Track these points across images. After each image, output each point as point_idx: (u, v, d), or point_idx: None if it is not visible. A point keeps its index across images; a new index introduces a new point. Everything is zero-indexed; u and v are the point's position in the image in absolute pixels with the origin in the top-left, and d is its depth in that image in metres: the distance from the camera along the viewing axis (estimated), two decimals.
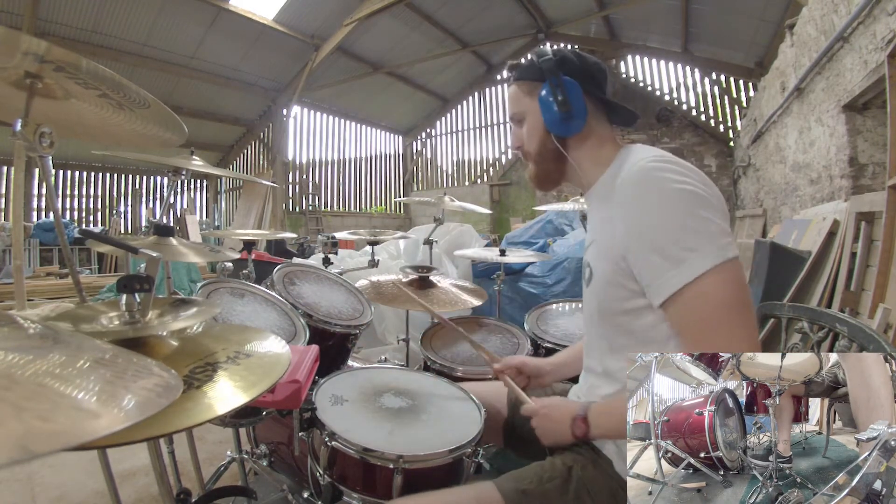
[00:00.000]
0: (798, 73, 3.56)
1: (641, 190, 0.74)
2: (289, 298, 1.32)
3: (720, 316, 0.69)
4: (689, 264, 0.69)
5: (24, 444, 0.27)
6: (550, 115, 0.88)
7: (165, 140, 1.18)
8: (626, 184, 0.77)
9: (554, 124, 0.88)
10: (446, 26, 8.97)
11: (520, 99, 0.94)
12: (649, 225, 0.72)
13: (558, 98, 0.86)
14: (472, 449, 0.95)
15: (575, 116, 0.87)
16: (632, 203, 0.75)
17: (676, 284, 0.69)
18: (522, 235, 3.93)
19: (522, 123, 0.95)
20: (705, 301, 0.69)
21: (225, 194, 10.45)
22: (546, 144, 0.92)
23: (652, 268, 0.72)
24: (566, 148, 0.91)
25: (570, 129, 0.88)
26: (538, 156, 0.94)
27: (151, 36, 6.88)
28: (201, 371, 0.63)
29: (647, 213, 0.73)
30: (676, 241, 0.70)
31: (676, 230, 0.70)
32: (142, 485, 1.73)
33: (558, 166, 0.94)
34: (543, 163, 0.94)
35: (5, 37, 0.77)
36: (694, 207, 0.71)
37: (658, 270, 0.71)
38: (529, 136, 0.94)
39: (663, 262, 0.70)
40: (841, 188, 2.92)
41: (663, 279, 0.71)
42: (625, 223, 0.76)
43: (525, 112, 0.93)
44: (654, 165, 0.75)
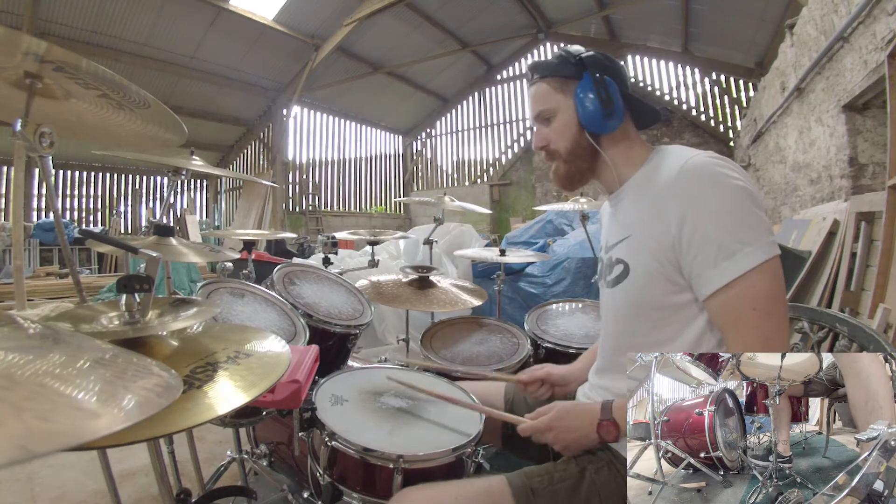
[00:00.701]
0: (798, 73, 3.56)
1: (702, 183, 0.75)
2: (289, 298, 1.32)
3: (769, 307, 0.71)
4: (743, 256, 0.71)
5: (24, 444, 0.27)
6: (588, 111, 0.86)
7: (165, 140, 1.18)
8: (684, 177, 0.77)
9: (592, 121, 0.87)
10: (446, 26, 8.98)
11: (549, 96, 0.91)
12: (709, 217, 0.73)
13: (601, 94, 0.85)
14: (472, 449, 0.95)
15: (615, 114, 0.86)
16: (692, 195, 0.75)
17: (730, 275, 0.71)
18: (522, 235, 3.93)
19: (550, 122, 0.92)
20: (756, 293, 0.71)
21: (225, 194, 10.46)
22: (580, 142, 0.90)
23: (705, 258, 0.73)
24: (600, 146, 0.89)
25: (608, 126, 0.87)
26: (570, 154, 0.91)
27: (151, 36, 6.89)
28: (201, 371, 0.63)
29: (707, 206, 0.74)
30: (734, 234, 0.72)
31: (735, 224, 0.72)
32: (142, 485, 1.73)
33: (591, 165, 0.92)
34: (575, 161, 0.92)
35: (5, 37, 0.77)
36: (749, 204, 0.73)
37: (712, 261, 0.73)
38: (560, 134, 0.91)
39: (718, 254, 0.72)
40: (841, 188, 2.92)
41: (717, 270, 0.72)
42: (679, 215, 0.75)
43: (556, 109, 0.90)
44: (712, 161, 0.77)
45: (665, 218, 0.78)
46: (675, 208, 0.76)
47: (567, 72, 0.89)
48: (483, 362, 1.48)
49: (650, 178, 0.84)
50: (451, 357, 1.51)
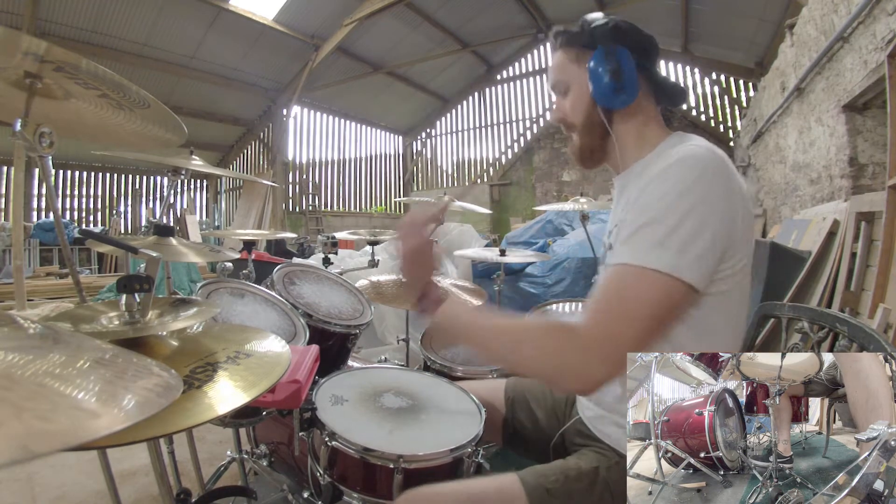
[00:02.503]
0: (798, 73, 3.56)
1: (681, 166, 0.70)
2: (289, 298, 1.32)
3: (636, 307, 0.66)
4: (645, 251, 0.66)
5: (24, 444, 0.27)
6: (600, 85, 0.81)
7: (165, 140, 1.18)
8: (676, 159, 0.71)
9: (602, 95, 0.82)
10: (446, 26, 8.98)
11: (565, 66, 0.87)
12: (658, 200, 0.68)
13: (610, 67, 0.80)
14: (472, 449, 0.95)
15: (626, 89, 0.81)
16: (665, 178, 0.70)
17: (622, 259, 0.68)
18: (522, 235, 3.93)
19: (566, 93, 0.88)
20: (637, 288, 0.66)
21: (225, 194, 10.46)
22: (592, 117, 0.85)
23: (626, 229, 0.70)
24: (611, 122, 0.85)
25: (619, 101, 0.82)
26: (583, 128, 0.87)
27: (151, 36, 6.88)
28: (201, 371, 0.63)
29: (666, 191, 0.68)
30: (661, 226, 0.66)
31: (674, 221, 0.66)
32: (142, 485, 1.73)
33: (603, 142, 0.88)
34: (588, 137, 0.88)
35: (5, 37, 0.77)
36: (707, 214, 0.66)
37: (625, 235, 0.69)
38: (574, 107, 0.87)
39: (626, 235, 0.69)
40: (841, 188, 2.92)
41: (621, 247, 0.69)
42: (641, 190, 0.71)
43: (570, 81, 0.87)
44: (704, 157, 0.70)
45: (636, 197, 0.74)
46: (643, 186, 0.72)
47: (583, 41, 0.85)
48: (483, 362, 1.48)
49: (655, 164, 0.79)
50: (451, 357, 1.51)
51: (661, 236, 0.66)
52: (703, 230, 0.66)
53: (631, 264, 0.67)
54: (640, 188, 0.74)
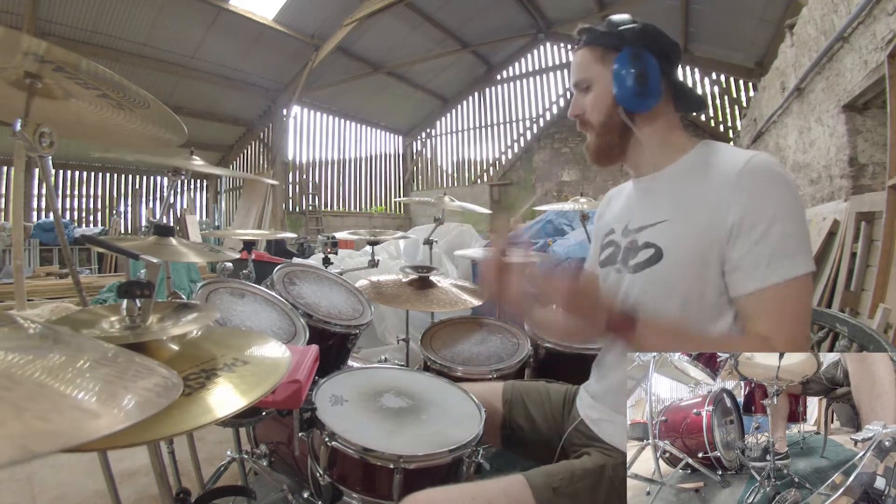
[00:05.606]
0: (798, 73, 3.56)
1: (771, 184, 0.75)
2: (289, 298, 1.32)
3: (804, 313, 0.74)
4: (790, 264, 0.72)
5: (24, 444, 0.27)
6: (624, 87, 0.83)
7: (165, 140, 1.18)
8: (751, 173, 0.76)
9: (626, 98, 0.83)
10: (446, 26, 8.96)
11: (589, 65, 0.88)
12: (772, 216, 0.73)
13: (636, 70, 0.81)
14: (472, 449, 0.95)
15: (650, 93, 0.83)
16: (758, 192, 0.75)
17: (783, 276, 0.72)
18: None
19: (588, 91, 0.89)
20: (799, 296, 0.73)
21: (225, 194, 10.45)
22: (612, 118, 0.87)
23: (753, 257, 0.74)
24: (634, 124, 0.87)
25: (643, 105, 0.84)
26: (602, 128, 0.89)
27: (151, 36, 6.88)
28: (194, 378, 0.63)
29: (771, 206, 0.74)
30: (788, 238, 0.73)
31: (791, 230, 0.73)
32: (142, 485, 1.73)
33: (622, 142, 0.89)
34: (606, 136, 0.89)
35: (5, 37, 0.77)
36: (803, 215, 0.76)
37: (766, 260, 0.73)
38: (594, 106, 0.88)
39: (774, 254, 0.73)
40: (841, 188, 2.92)
41: (770, 268, 0.73)
42: (741, 208, 0.75)
43: (593, 80, 0.88)
44: (777, 164, 0.78)
45: (722, 210, 0.76)
46: (736, 202, 0.75)
47: (609, 42, 0.86)
48: (483, 362, 1.48)
49: (700, 169, 0.82)
50: (451, 357, 1.51)
51: (796, 243, 0.74)
52: (806, 225, 0.78)
53: (790, 279, 0.72)
54: (730, 199, 0.76)
